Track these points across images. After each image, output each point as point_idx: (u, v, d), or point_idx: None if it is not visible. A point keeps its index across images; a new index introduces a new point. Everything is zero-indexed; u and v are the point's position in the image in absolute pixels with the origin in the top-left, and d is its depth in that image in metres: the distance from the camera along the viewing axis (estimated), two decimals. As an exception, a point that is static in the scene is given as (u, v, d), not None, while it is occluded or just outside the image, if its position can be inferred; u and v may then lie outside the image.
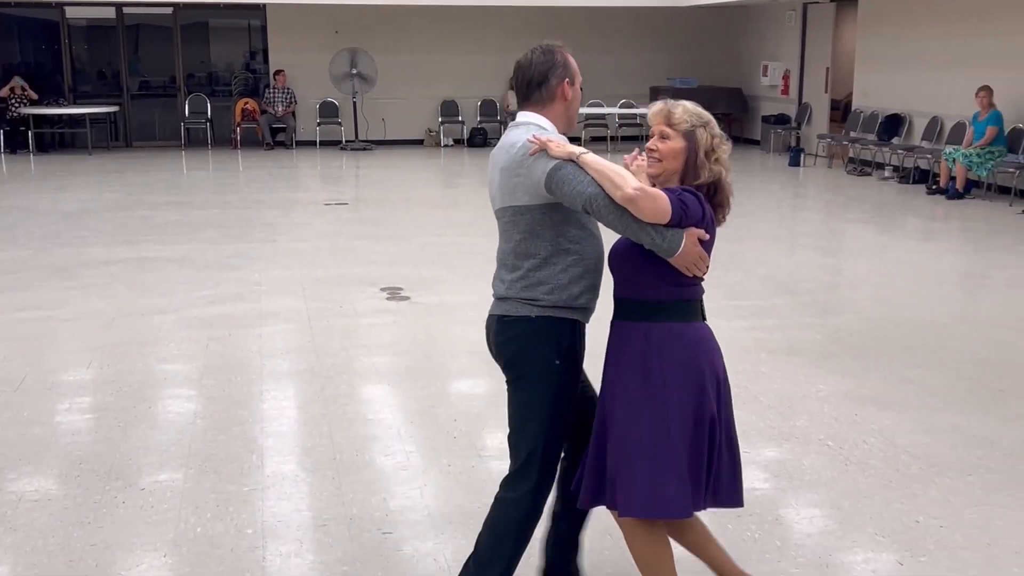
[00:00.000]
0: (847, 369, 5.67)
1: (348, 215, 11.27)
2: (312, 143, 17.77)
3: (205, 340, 6.20)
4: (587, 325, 3.06)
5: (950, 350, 6.03)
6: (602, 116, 17.71)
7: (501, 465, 4.34)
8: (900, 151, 13.68)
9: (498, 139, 3.16)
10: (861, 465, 4.36)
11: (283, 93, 17.50)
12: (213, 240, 9.51)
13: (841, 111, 16.69)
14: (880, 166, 14.17)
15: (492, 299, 3.05)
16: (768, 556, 3.56)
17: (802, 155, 15.43)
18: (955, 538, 3.66)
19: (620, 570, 3.40)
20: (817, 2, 16.34)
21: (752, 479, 4.19)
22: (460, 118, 18.29)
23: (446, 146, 18.17)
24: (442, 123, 18.28)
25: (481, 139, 18.04)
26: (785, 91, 17.37)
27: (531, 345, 2.96)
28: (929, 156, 12.95)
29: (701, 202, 2.84)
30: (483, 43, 18.26)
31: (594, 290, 3.01)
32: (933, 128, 13.54)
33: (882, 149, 14.11)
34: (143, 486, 4.14)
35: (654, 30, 18.71)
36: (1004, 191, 11.94)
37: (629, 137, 18.03)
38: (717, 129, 2.92)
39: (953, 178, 12.07)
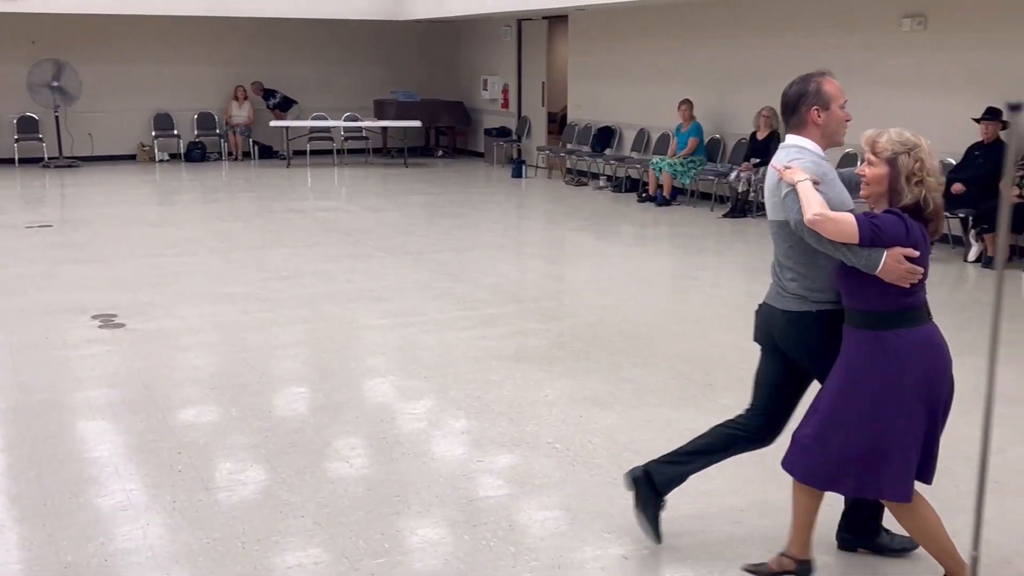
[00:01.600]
0: (572, 372, 5.90)
1: (53, 238, 10.49)
2: (10, 161, 16.43)
3: None
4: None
5: (664, 349, 6.42)
6: (327, 129, 17.52)
7: (231, 498, 4.19)
8: (612, 162, 14.45)
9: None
10: (587, 465, 4.54)
11: (-26, 107, 16.10)
12: None
13: (558, 124, 17.42)
14: (595, 176, 14.90)
15: (772, 290, 3.53)
16: (503, 563, 3.62)
17: (524, 167, 15.94)
18: (673, 528, 3.87)
19: None
20: (531, 19, 16.96)
21: (486, 487, 4.27)
22: (176, 131, 17.49)
23: (161, 161, 17.33)
24: (156, 137, 17.42)
25: (199, 153, 17.33)
26: (505, 104, 17.91)
27: (816, 335, 3.43)
28: (639, 166, 13.75)
29: (906, 222, 3.15)
30: (199, 54, 17.59)
31: None
32: (641, 139, 14.41)
33: (596, 160, 14.85)
34: None
35: (377, 44, 18.75)
36: (706, 197, 12.89)
37: (355, 150, 17.96)
38: (923, 154, 3.19)
39: (660, 186, 12.88)
